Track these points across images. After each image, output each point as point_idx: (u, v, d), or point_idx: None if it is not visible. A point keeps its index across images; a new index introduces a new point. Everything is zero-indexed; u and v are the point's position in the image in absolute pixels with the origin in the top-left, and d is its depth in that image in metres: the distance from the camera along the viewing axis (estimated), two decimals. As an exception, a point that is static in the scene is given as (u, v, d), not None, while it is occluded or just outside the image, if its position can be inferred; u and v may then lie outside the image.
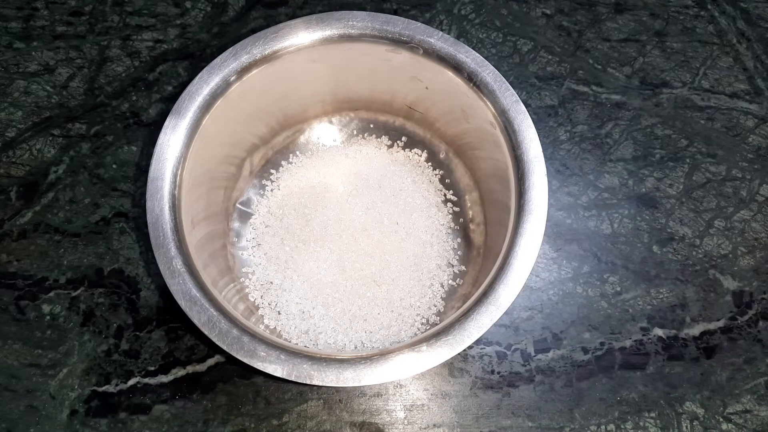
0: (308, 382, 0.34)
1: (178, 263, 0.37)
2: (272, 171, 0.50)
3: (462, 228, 0.48)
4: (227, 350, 0.35)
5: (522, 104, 0.40)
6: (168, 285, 0.36)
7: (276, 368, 0.34)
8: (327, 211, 0.47)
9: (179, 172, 0.39)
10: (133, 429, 0.43)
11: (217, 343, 0.35)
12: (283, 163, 0.50)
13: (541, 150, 0.39)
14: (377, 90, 0.49)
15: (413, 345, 0.35)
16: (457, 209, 0.49)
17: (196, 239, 0.40)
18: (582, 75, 0.55)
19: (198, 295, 0.36)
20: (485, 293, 0.36)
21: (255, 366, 0.34)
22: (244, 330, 0.35)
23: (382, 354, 0.35)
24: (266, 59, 0.42)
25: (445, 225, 0.48)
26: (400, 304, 0.45)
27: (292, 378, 0.34)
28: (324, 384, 0.34)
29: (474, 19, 0.57)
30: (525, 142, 0.39)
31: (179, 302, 0.36)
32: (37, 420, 0.44)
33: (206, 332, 0.35)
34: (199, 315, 0.36)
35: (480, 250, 0.47)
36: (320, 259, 0.46)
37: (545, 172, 0.38)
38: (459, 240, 0.48)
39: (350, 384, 0.34)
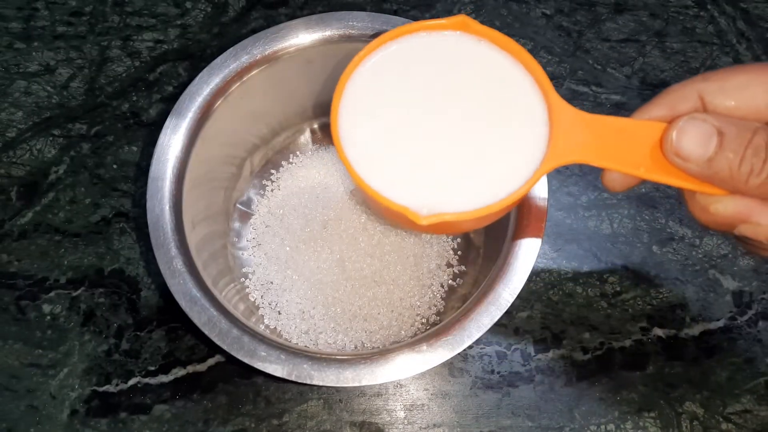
0: (308, 382, 0.34)
1: (178, 263, 0.37)
2: (272, 171, 0.50)
3: (462, 228, 0.48)
4: (227, 350, 0.35)
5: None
6: (168, 285, 0.36)
7: (276, 368, 0.34)
8: (327, 211, 0.47)
9: (180, 173, 0.39)
10: (134, 429, 0.43)
11: (218, 343, 0.35)
12: (283, 163, 0.50)
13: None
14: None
15: (413, 345, 0.35)
16: (457, 209, 0.49)
17: (197, 239, 0.40)
18: (582, 75, 0.55)
19: (198, 295, 0.36)
20: (485, 293, 0.36)
21: (255, 366, 0.35)
22: (245, 330, 0.35)
23: (382, 354, 0.35)
24: (266, 59, 0.42)
25: (445, 225, 0.48)
26: (400, 304, 0.45)
27: (293, 378, 0.34)
28: (324, 384, 0.34)
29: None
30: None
31: (180, 302, 0.36)
32: (37, 420, 0.44)
33: (206, 332, 0.35)
34: (200, 315, 0.36)
35: (480, 250, 0.47)
36: (320, 259, 0.46)
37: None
38: (459, 240, 0.48)
39: (350, 384, 0.34)
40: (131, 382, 0.45)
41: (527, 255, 0.37)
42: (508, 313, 0.36)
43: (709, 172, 0.25)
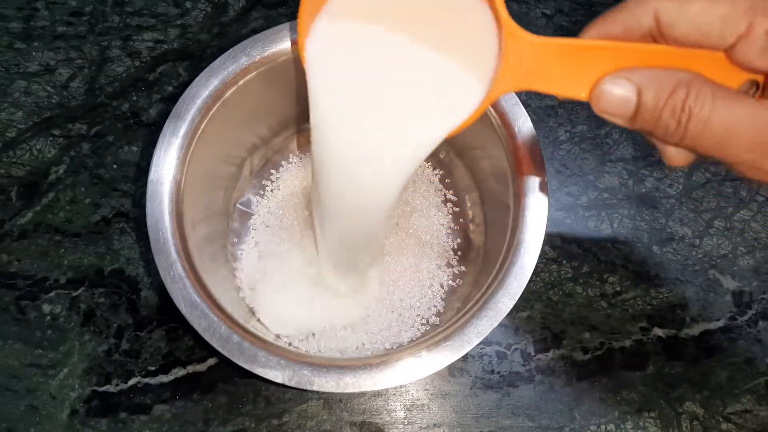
0: (309, 388, 0.34)
1: (177, 268, 0.37)
2: (272, 171, 0.50)
3: (462, 228, 0.48)
4: (228, 356, 0.35)
5: (522, 105, 0.40)
6: (168, 290, 0.36)
7: (277, 374, 0.34)
8: (327, 211, 0.47)
9: (179, 175, 0.39)
10: (134, 429, 0.44)
11: (218, 349, 0.35)
12: (283, 163, 0.50)
13: (541, 150, 0.39)
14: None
15: (413, 350, 0.35)
16: (457, 209, 0.49)
17: (196, 240, 0.40)
18: (582, 74, 0.55)
19: (198, 300, 0.36)
20: (485, 297, 0.36)
21: (256, 372, 0.35)
22: (245, 335, 0.36)
23: (383, 360, 0.35)
24: (266, 61, 0.42)
25: (445, 225, 0.48)
26: (400, 304, 0.45)
27: (293, 384, 0.34)
28: (324, 390, 0.34)
29: (474, 19, 0.57)
30: (525, 143, 0.39)
31: (180, 308, 0.36)
32: (37, 420, 0.44)
33: (207, 338, 0.35)
34: (200, 320, 0.36)
35: (480, 250, 0.47)
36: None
37: (545, 173, 0.38)
38: (459, 240, 0.48)
39: (350, 390, 0.34)
40: (131, 382, 0.45)
41: (528, 257, 0.37)
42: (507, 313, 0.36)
43: (634, 126, 0.27)
